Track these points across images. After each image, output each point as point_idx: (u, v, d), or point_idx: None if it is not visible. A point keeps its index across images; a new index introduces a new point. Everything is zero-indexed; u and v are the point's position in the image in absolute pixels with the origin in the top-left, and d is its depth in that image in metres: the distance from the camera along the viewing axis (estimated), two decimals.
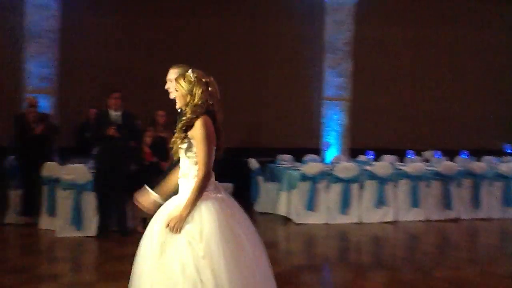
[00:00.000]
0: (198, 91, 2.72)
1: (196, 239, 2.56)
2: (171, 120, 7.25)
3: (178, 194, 2.79)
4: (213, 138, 2.71)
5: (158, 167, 6.79)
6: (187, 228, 2.59)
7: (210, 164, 2.68)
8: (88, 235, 6.27)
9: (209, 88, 2.77)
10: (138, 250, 2.73)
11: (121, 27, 9.18)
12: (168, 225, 2.60)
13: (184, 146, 2.72)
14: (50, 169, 6.57)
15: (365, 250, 6.53)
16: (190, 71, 2.80)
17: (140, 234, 2.85)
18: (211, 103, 2.77)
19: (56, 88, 8.79)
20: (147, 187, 3.08)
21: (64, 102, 8.78)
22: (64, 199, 6.31)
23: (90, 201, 6.33)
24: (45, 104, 8.32)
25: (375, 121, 10.18)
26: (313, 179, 7.41)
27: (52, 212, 6.49)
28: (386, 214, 7.64)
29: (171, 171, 2.97)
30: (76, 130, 8.27)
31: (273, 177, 8.19)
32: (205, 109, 2.73)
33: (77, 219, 6.24)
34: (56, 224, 6.36)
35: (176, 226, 2.58)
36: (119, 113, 6.33)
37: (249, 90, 9.76)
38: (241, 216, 2.85)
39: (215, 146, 2.74)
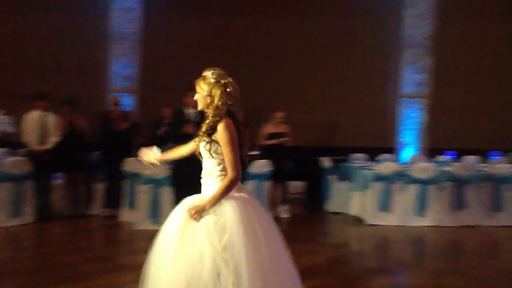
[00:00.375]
0: (216, 92, 2.76)
1: (216, 231, 2.60)
2: (244, 117, 7.44)
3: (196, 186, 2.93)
4: (236, 139, 2.75)
5: None
6: (207, 218, 2.65)
7: (238, 165, 2.72)
8: None
9: (228, 89, 2.78)
10: (157, 236, 2.81)
11: (202, 28, 9.43)
12: (189, 213, 2.67)
13: (208, 147, 2.78)
14: (131, 164, 6.95)
15: (441, 255, 6.24)
16: (210, 72, 2.84)
17: None
18: (230, 103, 2.77)
19: (139, 88, 9.26)
20: (155, 147, 3.16)
21: (145, 100, 9.23)
22: (143, 193, 6.65)
23: (167, 195, 6.60)
24: (128, 103, 8.81)
25: (456, 120, 9.69)
26: (388, 179, 7.22)
27: (132, 205, 6.87)
28: (465, 218, 7.26)
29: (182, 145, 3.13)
30: (150, 128, 8.62)
31: (346, 176, 8.07)
32: (225, 110, 2.76)
33: (155, 213, 6.54)
34: (135, 217, 6.72)
35: (196, 215, 2.65)
36: (194, 111, 6.54)
37: (323, 87, 9.67)
38: (264, 218, 2.85)
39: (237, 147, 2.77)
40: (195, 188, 6.50)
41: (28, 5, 9.20)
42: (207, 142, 2.77)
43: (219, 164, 2.78)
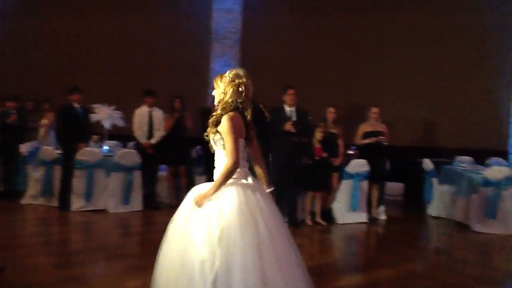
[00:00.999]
0: (229, 90, 3.02)
1: (215, 214, 2.83)
2: (341, 116, 7.39)
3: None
4: (239, 131, 2.98)
5: (328, 163, 6.92)
6: (208, 203, 2.90)
7: (236, 154, 2.93)
8: None
9: (239, 88, 3.01)
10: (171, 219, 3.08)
11: (300, 26, 9.43)
12: (194, 201, 2.94)
13: (217, 138, 3.01)
14: None
15: None
16: (228, 72, 3.09)
17: (309, 226, 2.95)
18: (239, 101, 3.01)
19: None
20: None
21: None
22: None
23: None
24: None
25: None
26: (497, 185, 6.72)
27: None
28: None
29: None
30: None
31: (450, 179, 7.63)
32: (233, 107, 3.01)
33: None
34: None
35: (200, 202, 2.92)
36: (293, 109, 6.60)
37: (424, 85, 9.22)
38: (266, 204, 2.97)
39: (243, 139, 3.02)
40: (290, 186, 6.54)
41: (136, 7, 9.82)
42: (214, 133, 3.04)
43: (226, 155, 2.98)
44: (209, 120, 3.08)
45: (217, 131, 3.02)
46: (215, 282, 2.73)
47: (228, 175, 2.93)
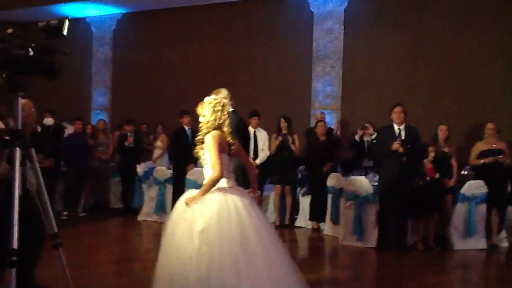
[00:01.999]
0: (208, 113, 3.56)
1: (199, 215, 3.30)
2: (454, 134, 6.94)
3: None
4: (221, 147, 3.45)
5: (441, 184, 6.53)
6: (194, 205, 3.35)
7: (219, 167, 3.39)
8: (369, 246, 6.41)
9: (215, 108, 3.55)
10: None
11: (403, 42, 9.12)
12: (185, 202, 3.42)
13: (203, 155, 3.51)
14: (335, 179, 7.05)
15: None
16: (207, 98, 3.67)
17: (421, 252, 2.78)
18: (217, 119, 3.52)
19: (338, 105, 9.42)
20: None
21: (346, 117, 9.33)
22: (346, 209, 6.67)
23: (371, 213, 6.50)
24: (330, 120, 9.02)
25: None
26: None
27: (336, 220, 6.95)
28: None
29: None
30: (351, 145, 8.58)
31: None
32: (215, 126, 3.51)
33: (359, 230, 6.48)
34: (340, 232, 6.77)
35: (189, 202, 3.38)
36: (402, 127, 6.35)
37: None
38: (247, 210, 3.35)
39: (226, 153, 3.49)
40: (400, 207, 6.25)
41: (237, 31, 10.18)
42: (201, 149, 3.55)
43: (211, 168, 3.44)
44: (196, 139, 3.63)
45: (202, 148, 3.54)
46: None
47: (212, 184, 3.41)
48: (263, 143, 7.69)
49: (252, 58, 10.07)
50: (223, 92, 5.02)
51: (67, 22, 2.61)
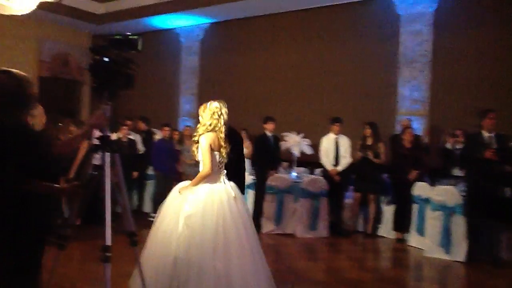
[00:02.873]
0: (206, 117, 4.12)
1: (187, 203, 3.87)
2: None
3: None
4: (214, 147, 4.03)
5: None
6: (185, 193, 3.96)
7: (209, 164, 3.96)
8: (457, 259, 6.08)
9: (214, 115, 4.11)
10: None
11: (497, 44, 8.52)
12: (178, 190, 4.05)
13: (197, 153, 4.11)
14: (421, 189, 6.76)
15: None
16: (209, 103, 4.19)
17: None
18: (214, 124, 4.08)
19: (427, 110, 9.01)
20: None
21: (435, 123, 8.90)
22: (433, 220, 6.36)
23: (459, 224, 6.15)
24: (417, 126, 8.65)
25: None
26: None
27: (421, 231, 6.65)
28: None
29: None
30: (440, 152, 8.18)
31: None
32: (209, 129, 4.06)
33: (446, 242, 6.15)
34: (425, 244, 6.47)
35: (181, 191, 4.01)
36: (492, 134, 5.94)
37: None
38: (230, 204, 3.88)
39: (218, 152, 4.05)
40: (491, 219, 5.85)
41: (321, 35, 10.11)
42: (196, 148, 4.12)
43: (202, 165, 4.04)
44: (193, 139, 4.15)
45: (197, 148, 4.09)
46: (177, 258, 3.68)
47: (201, 178, 3.98)
48: (345, 150, 7.58)
49: (336, 63, 9.95)
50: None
51: (141, 40, 2.85)
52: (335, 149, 7.58)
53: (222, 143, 4.08)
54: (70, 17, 11.21)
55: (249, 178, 7.99)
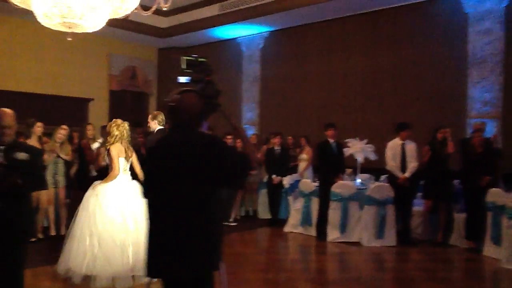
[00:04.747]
0: (112, 132, 5.38)
1: (100, 195, 5.09)
2: None
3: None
4: (120, 155, 5.27)
5: None
6: (98, 188, 5.19)
7: (117, 168, 5.19)
8: None
9: (117, 131, 5.38)
10: None
11: None
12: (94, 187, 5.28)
13: (107, 160, 5.38)
14: (495, 195, 6.39)
15: None
16: (115, 121, 5.49)
17: None
18: (118, 138, 5.36)
19: (499, 112, 8.53)
20: None
21: (507, 125, 8.41)
22: (509, 229, 5.99)
23: None
24: (489, 129, 8.21)
25: None
26: None
27: (497, 240, 6.28)
28: None
29: None
30: None
31: None
32: (116, 141, 5.33)
33: None
34: (501, 254, 6.09)
35: (94, 188, 5.23)
36: None
37: None
38: (129, 195, 5.13)
39: (123, 158, 5.27)
40: None
41: (385, 39, 9.86)
42: (107, 155, 5.43)
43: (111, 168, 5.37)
44: (101, 148, 5.35)
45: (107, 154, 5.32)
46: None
47: (111, 178, 5.18)
48: (411, 156, 7.33)
49: (400, 65, 9.67)
50: (160, 116, 6.07)
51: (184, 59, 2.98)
52: (401, 155, 7.34)
53: (128, 151, 5.35)
54: (137, 32, 11.69)
55: (312, 185, 7.93)
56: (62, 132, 7.04)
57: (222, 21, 11.14)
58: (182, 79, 2.96)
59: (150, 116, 6.17)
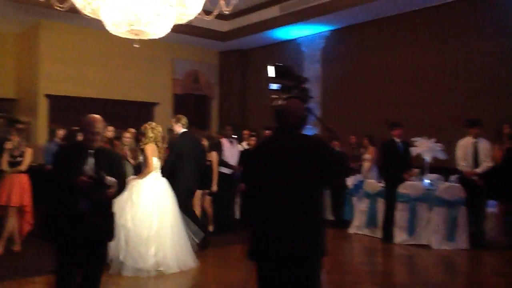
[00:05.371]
0: (147, 133, 5.87)
1: (135, 190, 5.52)
2: None
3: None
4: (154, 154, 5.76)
5: None
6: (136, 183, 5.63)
7: (151, 166, 5.68)
8: None
9: (152, 133, 5.86)
10: None
11: None
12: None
13: (143, 156, 5.86)
14: None
15: None
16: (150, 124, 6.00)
17: None
18: (154, 139, 5.84)
19: None
20: None
21: None
22: None
23: None
24: None
25: None
26: None
27: None
28: None
29: None
30: None
31: None
32: (150, 142, 5.80)
33: None
34: None
35: (131, 181, 5.51)
36: None
37: None
38: (163, 191, 5.71)
39: (156, 157, 5.75)
40: None
41: (445, 34, 9.41)
42: (142, 154, 6.06)
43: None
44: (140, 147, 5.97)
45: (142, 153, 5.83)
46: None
47: (144, 175, 5.64)
48: (484, 154, 6.95)
49: (469, 60, 9.19)
50: (184, 119, 6.64)
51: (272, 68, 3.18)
52: (473, 153, 6.98)
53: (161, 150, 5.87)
54: (199, 37, 11.93)
55: (377, 186, 7.73)
56: (127, 135, 7.27)
57: (283, 22, 11.12)
58: (274, 86, 3.17)
59: (173, 120, 6.76)
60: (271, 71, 3.16)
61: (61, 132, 8.11)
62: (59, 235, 3.48)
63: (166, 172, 6.04)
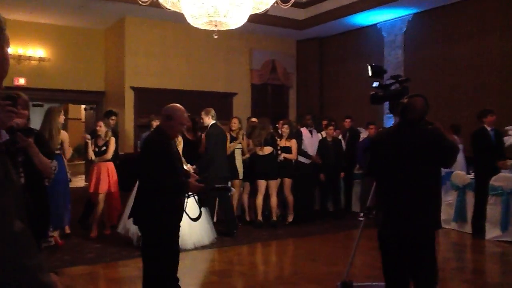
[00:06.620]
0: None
1: None
2: None
3: None
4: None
5: None
6: None
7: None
8: None
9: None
10: None
11: None
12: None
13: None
14: None
15: None
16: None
17: None
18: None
19: None
20: None
21: None
22: None
23: None
24: None
25: None
26: None
27: None
28: None
29: None
30: None
31: None
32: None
33: None
34: None
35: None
36: None
37: None
38: None
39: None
40: None
41: None
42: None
43: None
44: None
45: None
46: None
47: None
48: None
49: None
50: (212, 111, 6.97)
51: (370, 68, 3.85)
52: None
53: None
54: (276, 26, 11.85)
55: (466, 178, 7.25)
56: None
57: (362, 7, 10.72)
58: (375, 84, 3.73)
59: (203, 112, 7.05)
60: (370, 70, 3.75)
61: (155, 123, 8.47)
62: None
63: (206, 160, 6.39)
